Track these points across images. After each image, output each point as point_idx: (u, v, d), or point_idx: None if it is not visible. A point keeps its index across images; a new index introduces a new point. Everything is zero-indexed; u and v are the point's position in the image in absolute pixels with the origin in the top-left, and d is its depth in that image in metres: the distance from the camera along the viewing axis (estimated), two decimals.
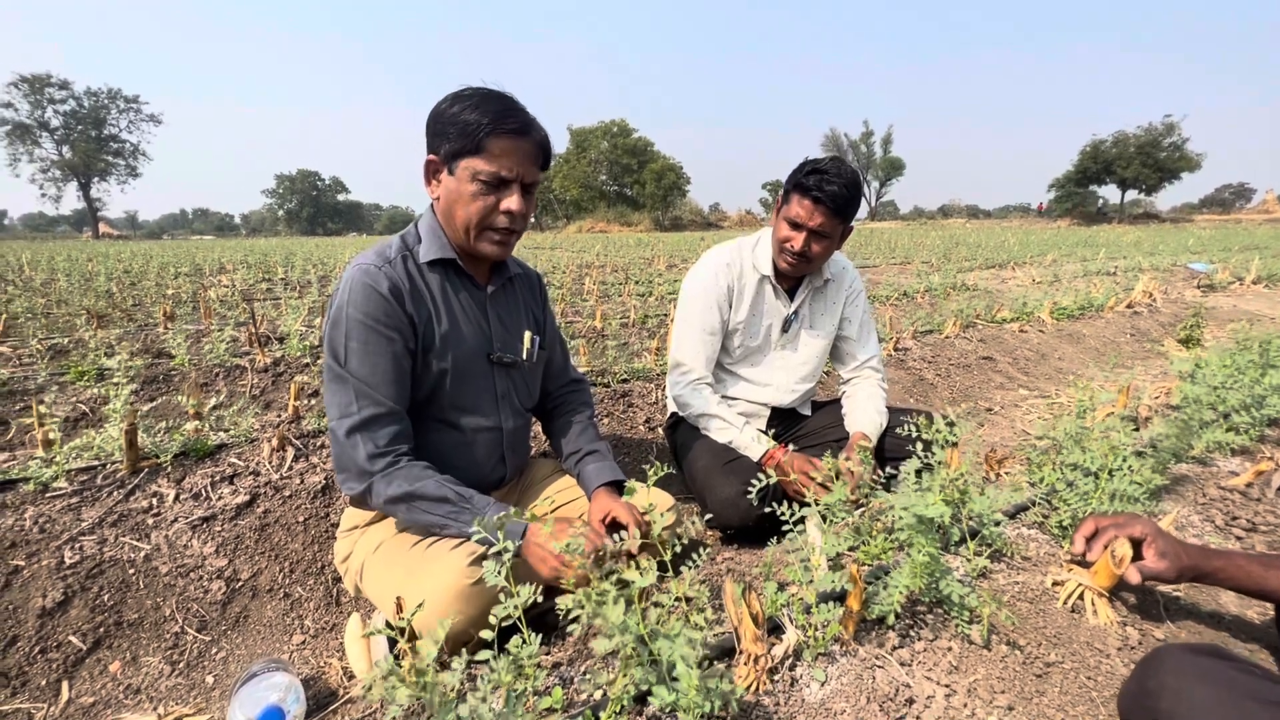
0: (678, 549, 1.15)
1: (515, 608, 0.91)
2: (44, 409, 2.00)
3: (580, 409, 1.63)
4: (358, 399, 1.21)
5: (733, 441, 1.81)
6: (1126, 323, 4.98)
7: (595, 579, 0.91)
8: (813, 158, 1.71)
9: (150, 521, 1.62)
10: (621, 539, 1.10)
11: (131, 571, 1.50)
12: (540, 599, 0.91)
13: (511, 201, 1.23)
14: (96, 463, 1.75)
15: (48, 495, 1.62)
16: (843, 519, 1.26)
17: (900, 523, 1.04)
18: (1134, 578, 1.03)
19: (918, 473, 1.26)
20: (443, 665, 1.11)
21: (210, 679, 1.35)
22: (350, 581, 1.39)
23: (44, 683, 1.29)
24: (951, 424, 1.37)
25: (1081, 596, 1.12)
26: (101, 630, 1.40)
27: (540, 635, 0.91)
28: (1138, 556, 1.06)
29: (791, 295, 1.93)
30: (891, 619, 0.98)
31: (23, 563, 1.46)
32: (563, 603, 0.82)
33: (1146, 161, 48.14)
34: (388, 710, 0.76)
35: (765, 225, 2.70)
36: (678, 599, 1.07)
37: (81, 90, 53.88)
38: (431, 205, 1.34)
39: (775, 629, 1.01)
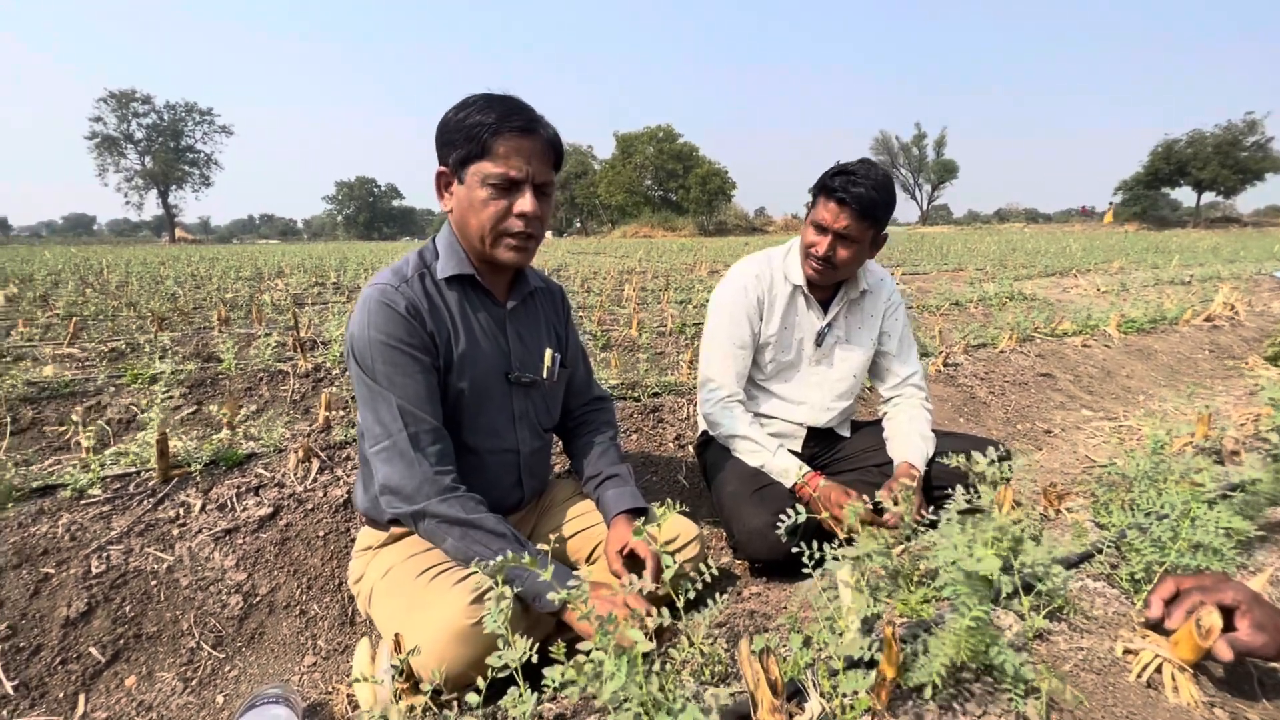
0: (698, 587, 1.07)
1: (512, 661, 0.84)
2: (76, 417, 2.06)
3: (602, 429, 1.57)
4: (404, 416, 1.18)
5: (764, 466, 1.71)
6: (1204, 337, 4.59)
7: (598, 635, 0.83)
8: (844, 161, 1.61)
9: (176, 532, 1.63)
10: (634, 581, 1.02)
11: (154, 583, 1.51)
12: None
13: (524, 203, 1.19)
14: (132, 470, 1.79)
15: (82, 502, 1.66)
16: (880, 564, 1.15)
17: (944, 577, 0.92)
18: (1225, 654, 0.89)
19: (963, 513, 1.14)
20: (440, 704, 1.05)
21: (220, 699, 1.34)
22: (362, 604, 1.36)
23: (62, 695, 1.30)
24: (1002, 459, 1.24)
25: (1159, 670, 0.98)
26: (121, 643, 1.40)
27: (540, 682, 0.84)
28: (1229, 626, 0.92)
29: (826, 307, 1.83)
30: (930, 691, 0.87)
31: (52, 571, 1.49)
32: (552, 674, 0.75)
33: (1225, 162, 45.10)
34: None
35: None
36: (692, 650, 0.98)
37: (162, 104, 57.54)
38: (448, 220, 1.30)
39: (798, 692, 0.91)
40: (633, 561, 1.29)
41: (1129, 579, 1.22)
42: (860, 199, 1.55)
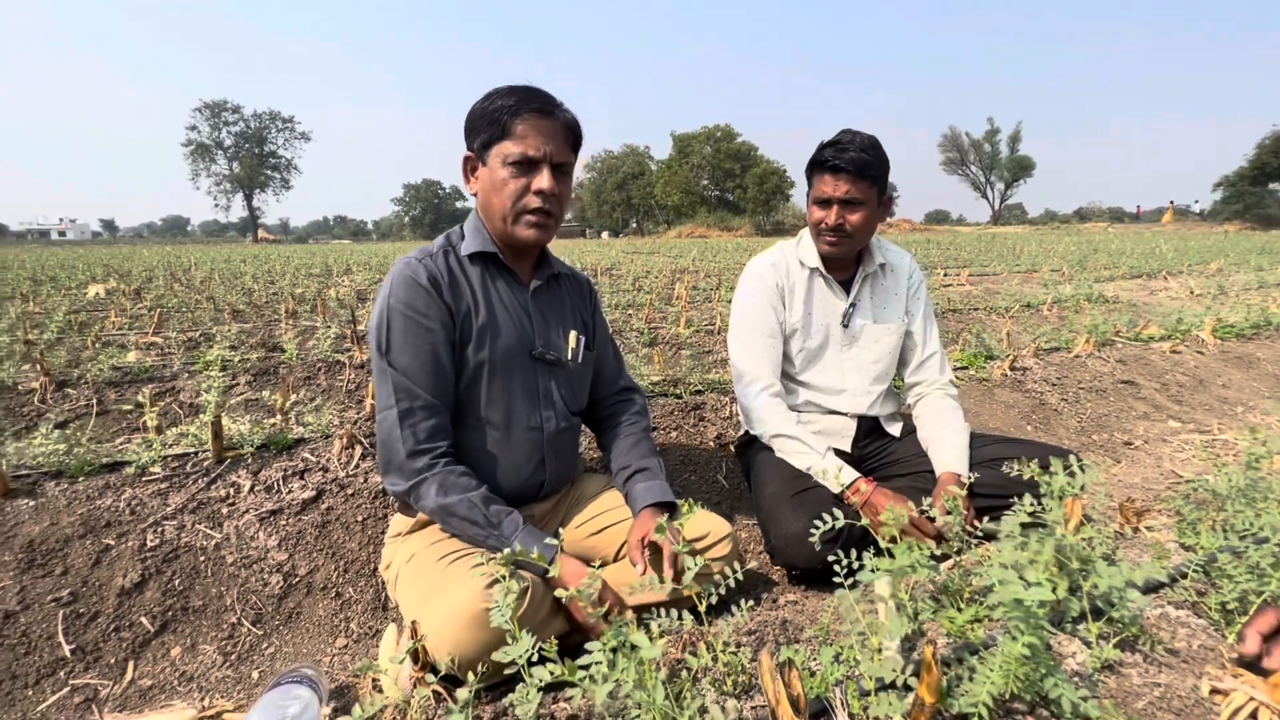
0: (721, 590, 1.01)
1: (519, 657, 0.81)
2: (143, 398, 2.18)
3: (633, 420, 1.54)
4: (396, 391, 1.21)
5: (811, 469, 1.63)
6: None
7: (607, 635, 0.79)
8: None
9: (225, 511, 1.69)
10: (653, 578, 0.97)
11: (202, 559, 1.57)
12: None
13: (542, 180, 1.23)
14: (190, 450, 1.87)
15: (143, 479, 1.74)
16: (926, 578, 1.06)
17: (995, 597, 0.83)
18: None
19: (1025, 527, 1.03)
20: (454, 683, 1.03)
21: (256, 674, 1.37)
22: (390, 589, 1.37)
23: (113, 660, 1.36)
24: (1072, 471, 1.12)
25: (1254, 715, 0.85)
26: (169, 614, 1.46)
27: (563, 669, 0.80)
28: None
29: (847, 288, 1.80)
30: None
31: (113, 542, 1.57)
32: (540, 674, 0.71)
33: None
34: None
35: None
36: (711, 658, 0.93)
37: (249, 113, 61.52)
38: (475, 207, 1.34)
39: (825, 711, 0.84)
40: (656, 555, 1.25)
41: (1219, 609, 1.08)
42: (854, 161, 1.57)
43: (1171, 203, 44.60)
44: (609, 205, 61.20)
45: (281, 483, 1.80)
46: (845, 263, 1.78)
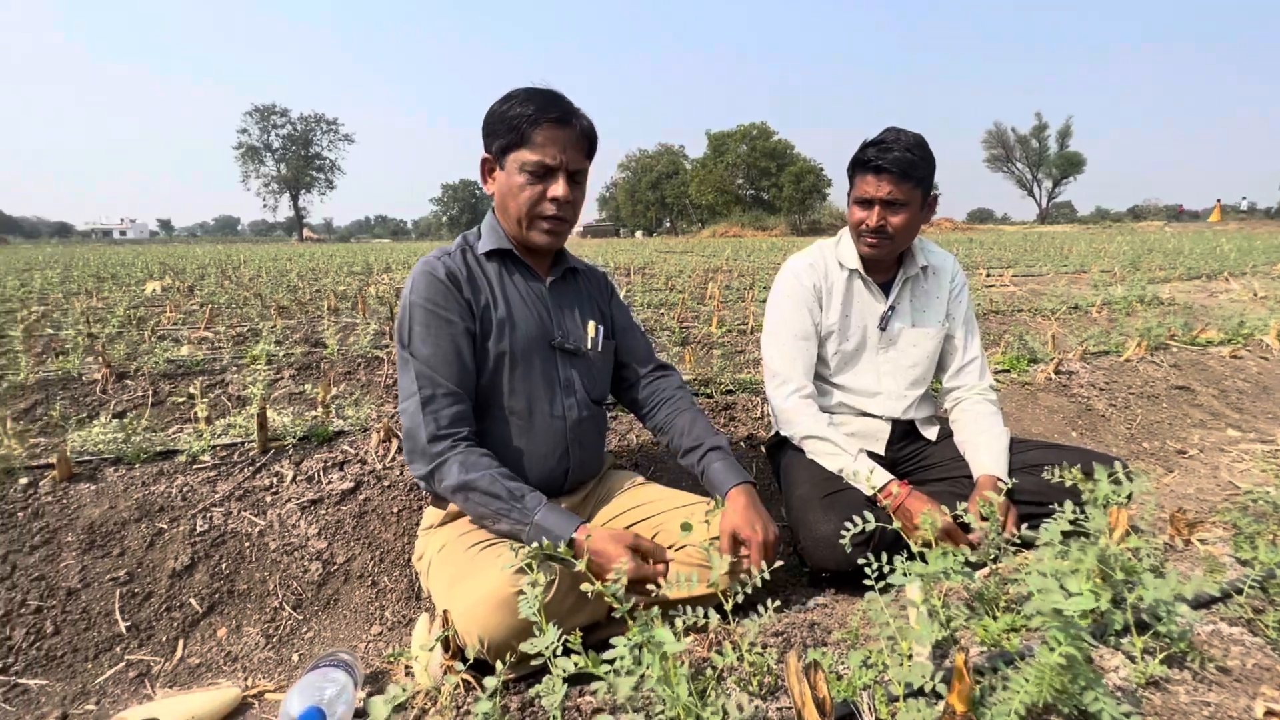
0: (747, 590, 1.01)
1: (545, 649, 0.82)
2: (194, 390, 2.27)
3: (679, 395, 1.55)
4: (418, 379, 1.25)
5: (843, 470, 1.60)
6: None
7: (633, 630, 0.79)
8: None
9: (269, 499, 1.76)
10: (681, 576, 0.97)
11: (247, 545, 1.64)
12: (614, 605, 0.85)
13: (557, 189, 1.26)
14: (237, 440, 1.95)
15: (194, 467, 1.83)
16: (960, 584, 1.03)
17: (1032, 606, 0.80)
18: None
19: (1066, 535, 1.00)
20: (483, 671, 1.05)
21: (296, 657, 1.43)
22: (423, 580, 1.40)
23: (165, 639, 1.43)
24: (1118, 479, 1.08)
25: None
26: (216, 596, 1.53)
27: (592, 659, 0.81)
28: None
29: (886, 291, 1.75)
30: None
31: (165, 526, 1.65)
32: (564, 665, 0.72)
33: None
34: None
35: None
36: (737, 657, 0.92)
37: (296, 116, 63.60)
38: (492, 206, 1.39)
39: (851, 715, 0.83)
40: (735, 546, 1.27)
41: (1276, 627, 1.03)
42: (897, 162, 1.53)
43: (1219, 201, 41.93)
44: (643, 205, 61.25)
45: (322, 473, 1.86)
46: (885, 265, 1.75)
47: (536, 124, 1.24)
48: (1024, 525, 1.44)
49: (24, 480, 1.69)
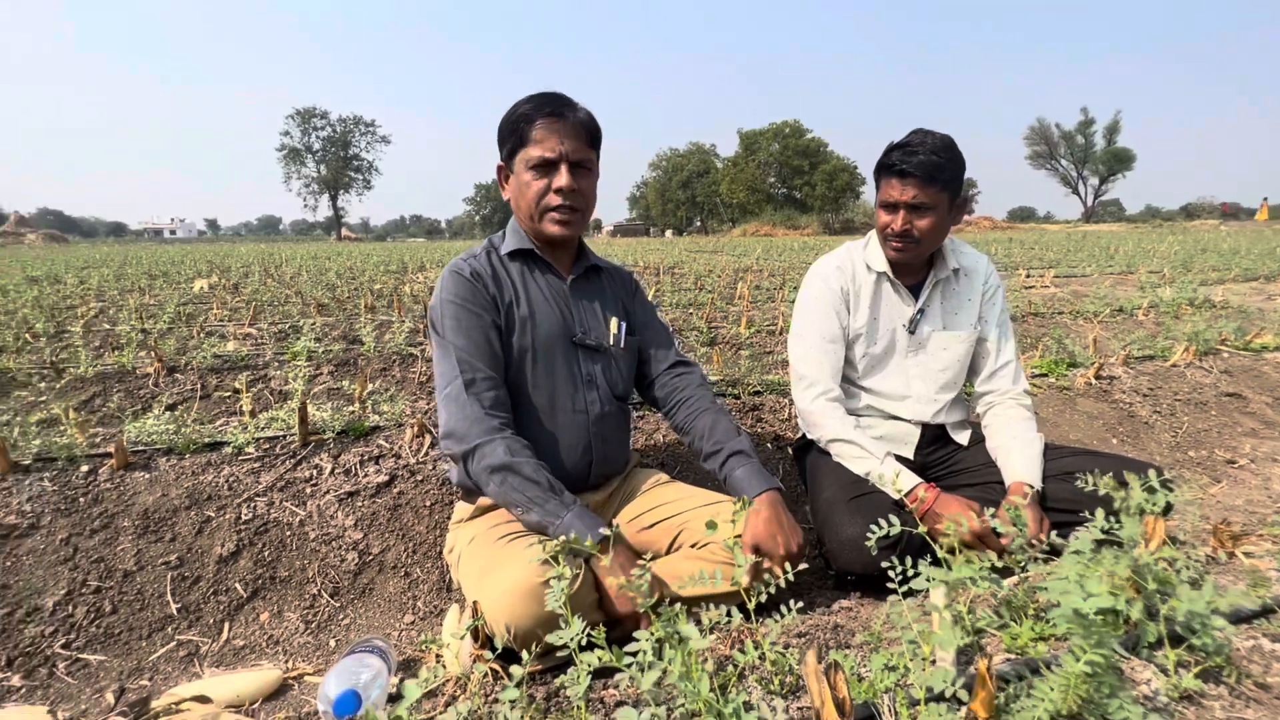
0: (770, 590, 1.02)
1: (571, 638, 0.84)
2: (239, 385, 2.37)
3: (699, 393, 1.55)
4: (460, 364, 1.30)
5: (870, 474, 1.59)
6: None
7: (656, 625, 0.81)
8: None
9: (308, 490, 1.83)
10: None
11: (288, 533, 1.71)
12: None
13: (561, 179, 1.32)
14: (279, 433, 2.03)
15: (239, 458, 1.91)
16: (987, 590, 1.03)
17: (1058, 613, 0.80)
18: None
19: (1099, 544, 0.98)
20: (510, 661, 1.08)
21: (333, 642, 1.48)
22: (453, 572, 1.44)
23: (212, 621, 1.51)
24: (1153, 488, 1.05)
25: None
26: (259, 582, 1.60)
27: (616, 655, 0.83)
28: None
29: (916, 293, 1.72)
30: None
31: (213, 514, 1.73)
32: (588, 659, 0.74)
33: None
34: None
35: None
36: (758, 656, 0.93)
37: (335, 118, 65.27)
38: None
39: (871, 717, 0.83)
40: (760, 554, 1.28)
41: None
42: (922, 165, 1.51)
43: (1265, 200, 39.77)
44: (673, 204, 61.17)
45: (358, 466, 1.93)
46: (914, 267, 1.72)
47: (534, 121, 1.31)
48: (1054, 533, 1.41)
49: (85, 468, 1.79)
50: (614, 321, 1.51)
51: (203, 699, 1.20)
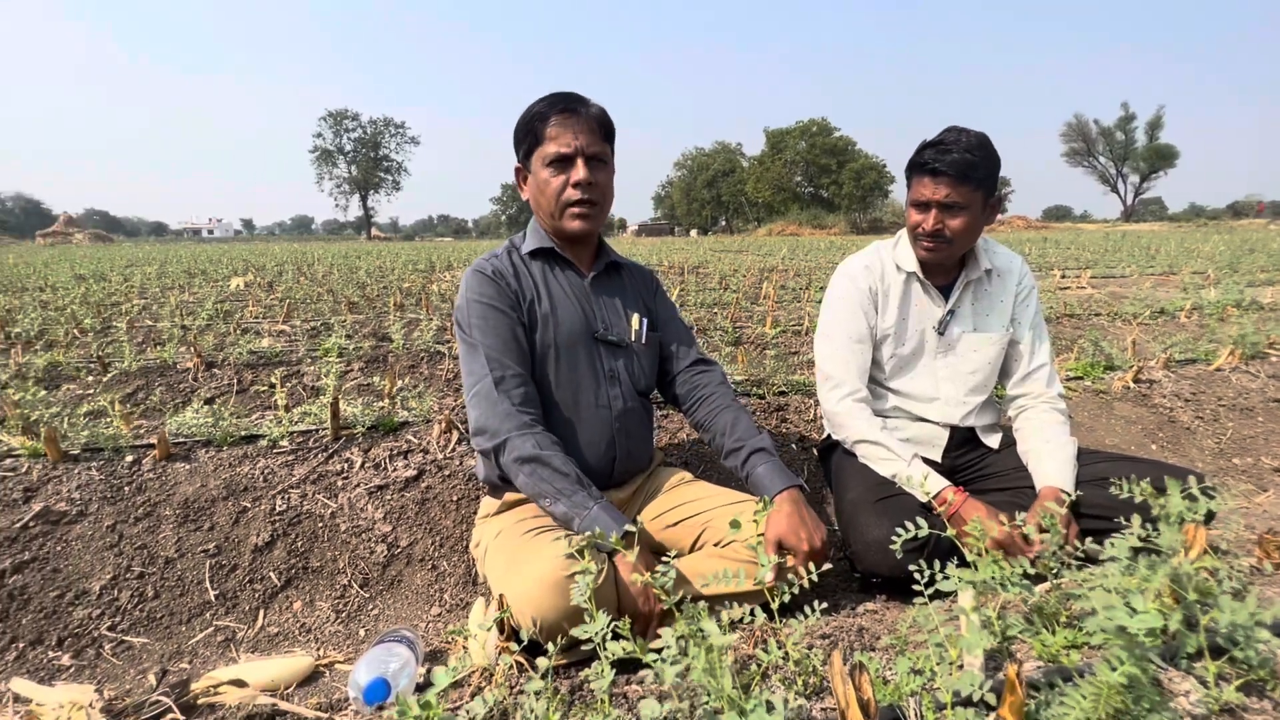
0: (794, 590, 1.01)
1: (596, 632, 0.85)
2: (274, 380, 2.43)
3: (719, 390, 1.56)
4: (489, 362, 1.33)
5: (896, 476, 1.57)
6: None
7: (680, 621, 0.82)
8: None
9: (340, 484, 1.87)
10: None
11: (319, 525, 1.75)
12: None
13: (578, 173, 1.34)
14: (312, 428, 2.09)
15: (274, 451, 1.97)
16: (1018, 596, 1.01)
17: (1094, 622, 0.78)
18: None
19: (1136, 552, 0.95)
20: (535, 654, 1.10)
21: (362, 632, 1.52)
22: (479, 566, 1.47)
23: (247, 608, 1.56)
24: (1194, 496, 1.02)
25: None
26: (292, 572, 1.65)
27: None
28: None
29: (946, 294, 1.69)
30: None
31: (249, 505, 1.78)
32: (614, 649, 0.75)
33: None
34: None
35: None
36: (781, 655, 0.93)
37: (366, 120, 66.54)
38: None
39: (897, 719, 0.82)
40: (783, 552, 1.28)
41: None
42: (955, 164, 1.48)
43: None
44: (698, 203, 60.97)
45: (388, 461, 1.97)
46: (945, 268, 1.69)
47: (547, 118, 1.33)
48: (1087, 540, 1.38)
49: (129, 458, 1.86)
50: (635, 317, 1.52)
51: (239, 683, 1.24)
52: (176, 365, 3.03)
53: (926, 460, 1.66)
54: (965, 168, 1.48)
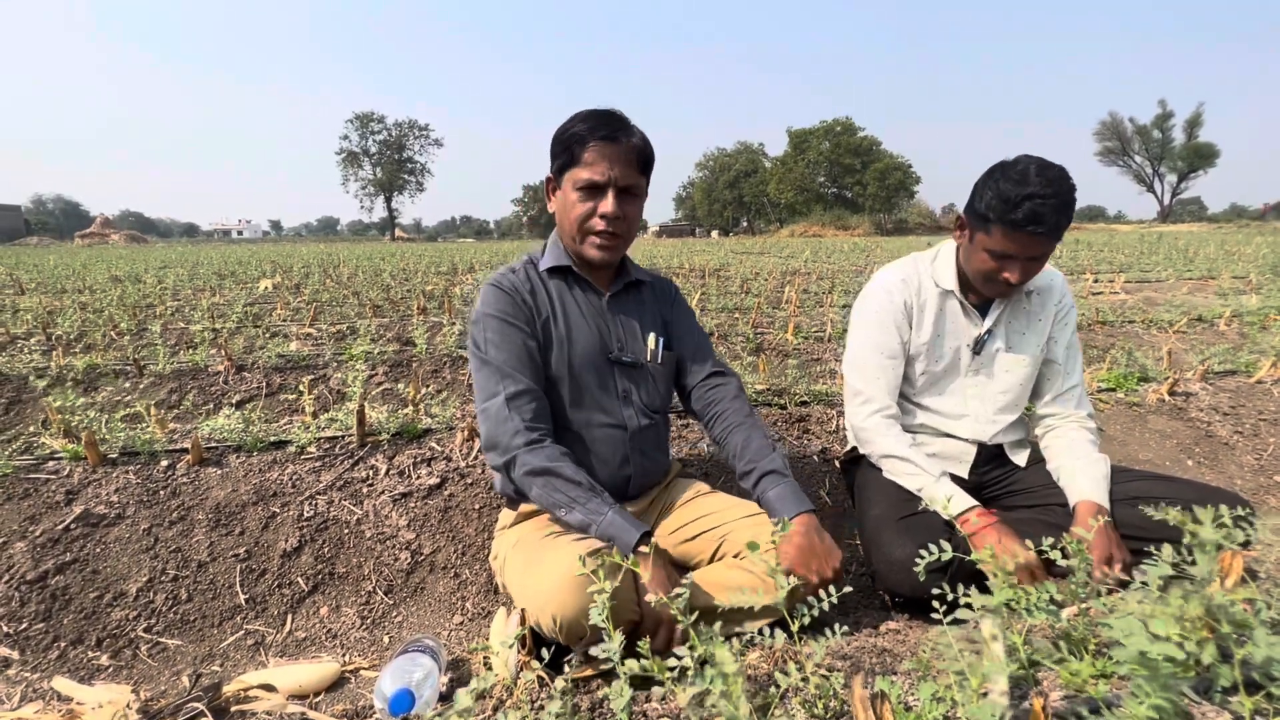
0: (814, 613, 1.01)
1: (614, 651, 0.86)
2: (303, 387, 2.49)
3: (734, 406, 1.52)
4: (502, 379, 1.33)
5: (923, 491, 1.55)
6: None
7: (694, 641, 0.82)
8: (1007, 172, 1.40)
9: (365, 490, 1.91)
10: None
11: (345, 531, 1.79)
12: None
13: (606, 205, 1.33)
14: (339, 434, 2.13)
15: (302, 457, 2.01)
16: (1047, 621, 0.99)
17: (1121, 652, 0.76)
18: None
19: (1171, 580, 0.93)
20: (556, 670, 1.11)
21: (386, 638, 1.55)
22: (498, 577, 1.48)
23: (276, 613, 1.59)
24: (1237, 518, 0.99)
25: None
26: (320, 578, 1.68)
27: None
28: None
29: (983, 312, 1.64)
30: None
31: (278, 510, 1.83)
32: (631, 666, 0.75)
33: None
34: None
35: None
36: (801, 678, 0.93)
37: (391, 123, 67.57)
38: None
39: None
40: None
41: None
42: (1056, 227, 1.38)
43: None
44: (720, 204, 60.76)
45: (412, 468, 2.00)
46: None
47: (586, 142, 1.30)
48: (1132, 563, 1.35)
49: (164, 463, 1.92)
50: (651, 337, 1.50)
51: (269, 687, 1.28)
52: (208, 368, 3.12)
53: (953, 477, 1.63)
54: (1062, 221, 1.37)
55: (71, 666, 1.41)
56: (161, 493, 1.83)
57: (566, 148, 1.33)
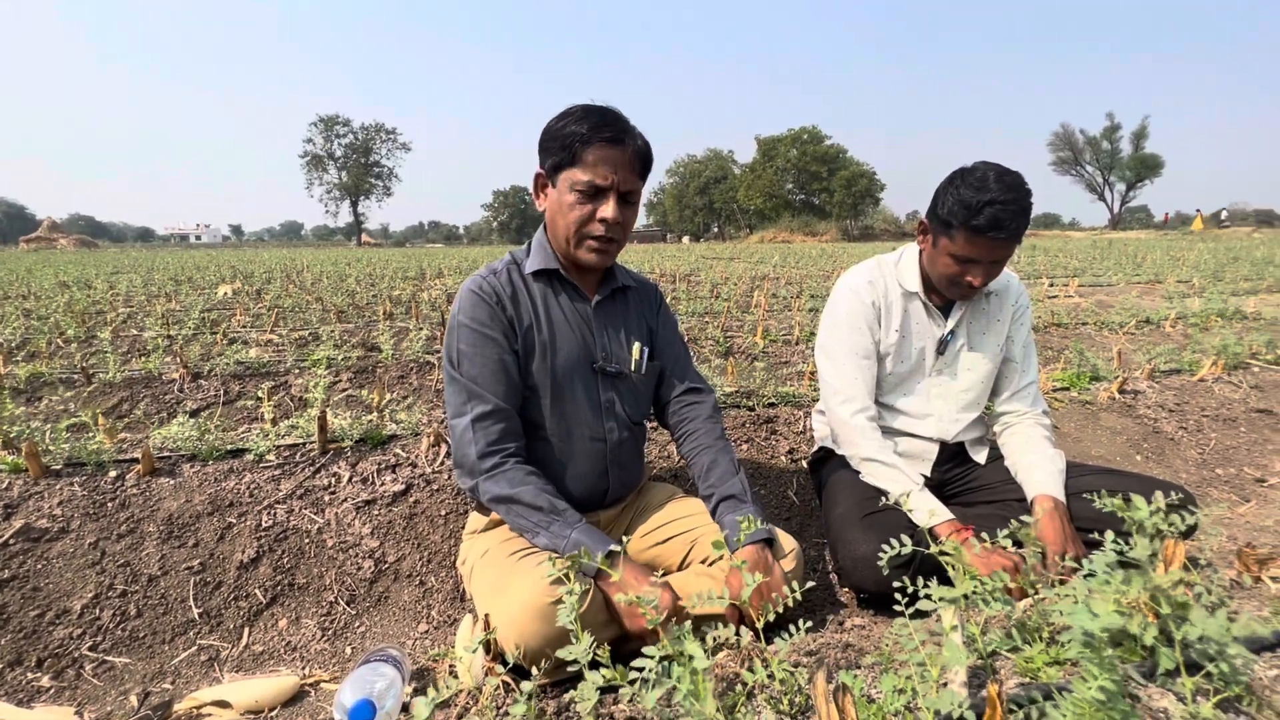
0: (779, 609, 1.02)
1: (581, 656, 0.85)
2: (262, 393, 2.42)
3: (704, 428, 1.51)
4: (470, 398, 1.29)
5: (903, 499, 1.57)
6: None
7: (663, 641, 0.82)
8: (967, 179, 1.45)
9: (327, 499, 1.86)
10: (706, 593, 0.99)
11: (306, 541, 1.74)
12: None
13: (607, 209, 1.27)
14: (299, 441, 2.07)
15: (260, 465, 1.95)
16: (1002, 611, 1.02)
17: (1066, 636, 0.79)
18: None
19: (1117, 566, 0.97)
20: (521, 675, 1.09)
21: (349, 649, 1.51)
22: (465, 583, 1.46)
23: (232, 626, 1.54)
24: (1174, 505, 1.04)
25: None
26: (279, 589, 1.63)
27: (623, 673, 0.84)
28: None
29: (946, 313, 1.69)
30: None
31: (235, 520, 1.77)
32: (594, 677, 0.75)
33: None
34: None
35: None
36: (767, 675, 0.93)
37: (357, 125, 66.37)
38: (544, 222, 1.41)
39: None
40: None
41: None
42: (1016, 232, 1.42)
43: (1199, 211, 39.66)
44: (690, 210, 61.23)
45: (375, 475, 1.96)
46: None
47: (589, 143, 1.23)
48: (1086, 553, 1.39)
49: (113, 473, 1.84)
50: (636, 346, 1.46)
51: (222, 704, 1.23)
52: (162, 376, 3.01)
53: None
54: (1021, 224, 1.42)
55: (9, 689, 1.34)
56: (109, 505, 1.75)
57: (565, 146, 1.25)
